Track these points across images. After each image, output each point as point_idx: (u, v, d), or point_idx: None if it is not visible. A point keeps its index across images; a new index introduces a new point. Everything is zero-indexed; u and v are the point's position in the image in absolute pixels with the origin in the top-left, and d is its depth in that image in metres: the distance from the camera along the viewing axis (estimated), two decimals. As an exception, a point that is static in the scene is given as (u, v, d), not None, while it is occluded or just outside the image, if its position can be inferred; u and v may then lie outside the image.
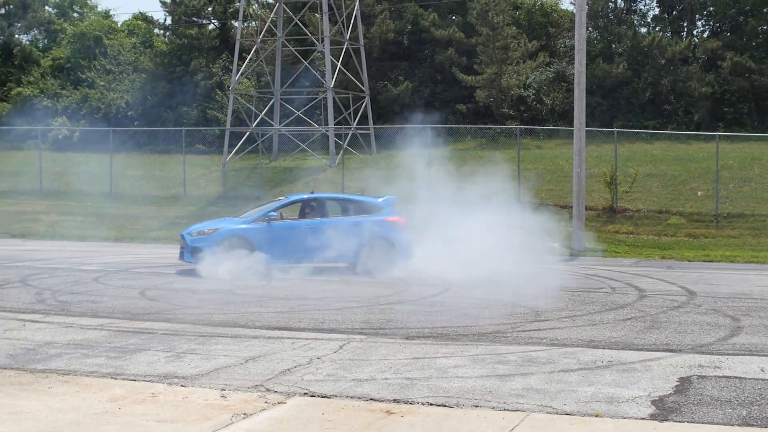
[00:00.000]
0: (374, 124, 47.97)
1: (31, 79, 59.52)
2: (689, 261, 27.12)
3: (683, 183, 36.77)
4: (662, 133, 45.30)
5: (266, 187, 40.03)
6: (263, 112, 47.58)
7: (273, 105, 47.57)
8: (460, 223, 23.54)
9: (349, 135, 45.91)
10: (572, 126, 29.95)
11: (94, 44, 59.85)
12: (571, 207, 29.50)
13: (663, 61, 49.56)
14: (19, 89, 58.54)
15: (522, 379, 10.87)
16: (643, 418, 9.22)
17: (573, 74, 33.52)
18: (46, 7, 67.40)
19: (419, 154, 42.45)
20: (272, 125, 47.09)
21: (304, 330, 14.34)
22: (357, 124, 46.69)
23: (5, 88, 59.73)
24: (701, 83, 47.53)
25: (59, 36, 63.88)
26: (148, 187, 42.45)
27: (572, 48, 45.41)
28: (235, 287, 19.57)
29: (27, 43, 65.87)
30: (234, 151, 45.65)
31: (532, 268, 23.17)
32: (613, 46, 51.77)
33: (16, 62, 62.15)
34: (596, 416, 9.27)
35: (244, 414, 9.30)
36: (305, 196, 24.09)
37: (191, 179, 42.39)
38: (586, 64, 28.88)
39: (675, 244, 30.65)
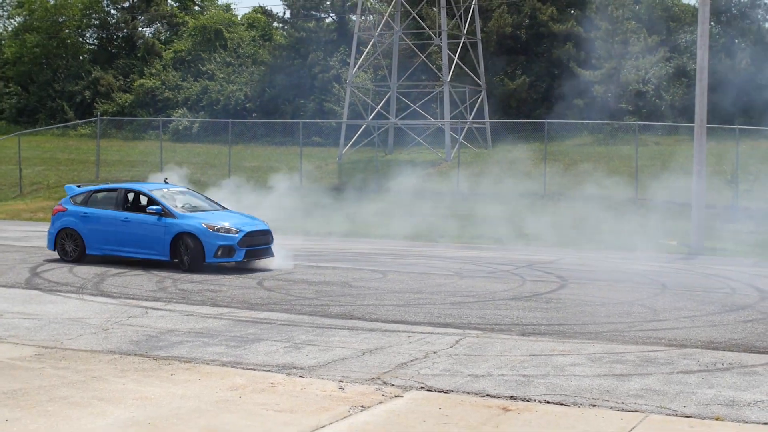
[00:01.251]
0: (490, 118, 47.83)
1: (153, 71, 60.74)
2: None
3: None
4: None
5: (381, 180, 40.19)
6: (379, 105, 47.81)
7: (389, 98, 47.76)
8: (574, 219, 23.33)
9: (465, 129, 45.86)
10: (692, 122, 29.39)
11: (215, 37, 60.87)
12: (690, 205, 28.95)
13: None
14: (142, 81, 59.80)
15: (640, 379, 10.76)
16: (765, 423, 9.05)
17: (694, 69, 32.94)
18: (168, 1, 68.70)
19: (535, 149, 42.25)
20: (388, 118, 47.29)
21: (420, 324, 14.40)
22: (473, 118, 46.60)
23: (128, 80, 61.09)
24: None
25: (181, 29, 65.11)
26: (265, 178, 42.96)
27: (693, 43, 44.61)
28: (351, 279, 19.72)
29: (149, 36, 67.27)
30: (350, 143, 45.96)
31: (649, 266, 22.87)
32: (736, 41, 50.68)
33: (139, 55, 63.57)
34: (716, 420, 9.13)
35: (362, 406, 9.40)
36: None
37: (307, 171, 42.80)
38: (708, 60, 28.29)
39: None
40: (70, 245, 22.13)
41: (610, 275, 20.98)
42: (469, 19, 47.35)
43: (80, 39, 67.27)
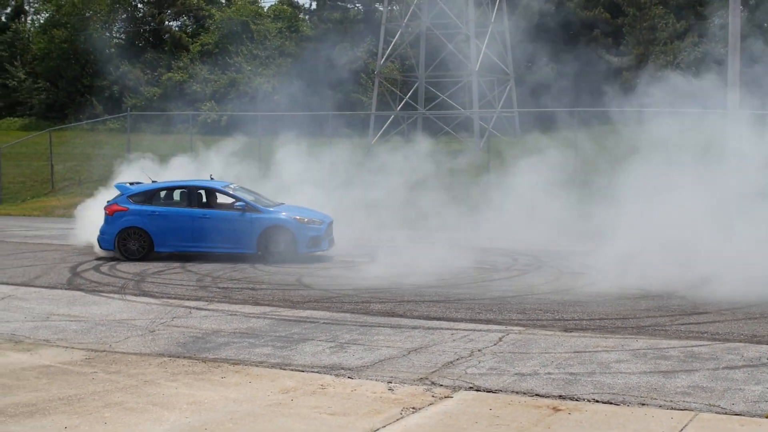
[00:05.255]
0: (519, 106, 47.79)
1: (181, 64, 61.06)
2: None
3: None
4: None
5: (408, 171, 40.17)
6: (407, 96, 47.86)
7: (417, 88, 47.80)
8: (612, 209, 23.22)
9: (494, 118, 45.87)
10: (721, 108, 29.29)
11: (241, 29, 61.05)
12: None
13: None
14: (170, 74, 60.13)
15: (686, 376, 10.81)
16: (815, 420, 9.10)
17: (723, 55, 32.77)
18: (195, -6, 69.05)
19: (564, 137, 42.14)
20: (417, 108, 47.33)
21: (462, 320, 14.49)
22: (502, 107, 46.59)
23: (156, 74, 61.41)
24: None
25: (207, 22, 65.33)
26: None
27: (721, 27, 44.42)
28: (387, 274, 19.78)
29: (176, 29, 67.58)
30: (379, 134, 46.04)
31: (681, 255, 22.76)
32: (765, 24, 50.40)
33: (166, 48, 63.91)
34: (767, 417, 9.18)
35: (413, 408, 9.51)
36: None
37: (336, 162, 42.82)
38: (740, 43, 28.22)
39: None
40: (136, 244, 22.42)
41: (635, 266, 20.90)
42: (496, 8, 47.30)
43: (107, 34, 67.60)
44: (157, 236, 22.38)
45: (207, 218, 22.25)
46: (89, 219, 25.29)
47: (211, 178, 24.23)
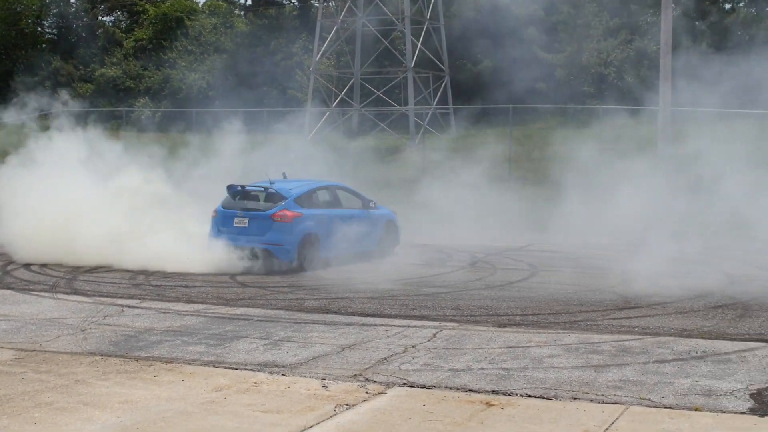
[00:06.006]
0: (454, 103, 47.97)
1: (114, 60, 60.38)
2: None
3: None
4: (747, 113, 44.58)
5: (345, 167, 40.16)
6: (343, 92, 47.83)
7: (353, 85, 47.78)
8: (542, 204, 23.44)
9: (429, 115, 45.97)
10: (653, 105, 29.66)
11: (176, 25, 60.54)
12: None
13: (748, 38, 48.74)
14: (103, 70, 59.44)
15: (618, 369, 10.93)
16: (742, 413, 9.23)
17: (654, 52, 33.15)
18: (129, -12, 68.36)
19: (499, 134, 42.39)
20: (352, 105, 47.31)
21: (396, 317, 14.52)
22: (437, 104, 46.73)
23: (89, 69, 60.70)
24: (787, 60, 46.67)
25: (141, 17, 64.70)
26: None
27: (653, 25, 44.95)
28: (324, 272, 19.78)
29: (110, 24, 66.85)
30: (314, 131, 45.94)
31: (613, 251, 23.06)
32: (697, 23, 51.04)
33: (99, 44, 63.13)
34: (696, 410, 9.31)
35: (347, 405, 9.50)
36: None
37: (271, 159, 42.62)
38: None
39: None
40: (314, 252, 20.63)
41: (578, 261, 21.20)
42: (432, 4, 47.43)
43: (39, 29, 66.71)
44: (324, 241, 20.86)
45: (352, 218, 21.59)
46: None
47: (284, 177, 22.48)
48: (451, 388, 10.15)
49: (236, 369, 11.06)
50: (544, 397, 9.79)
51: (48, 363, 11.38)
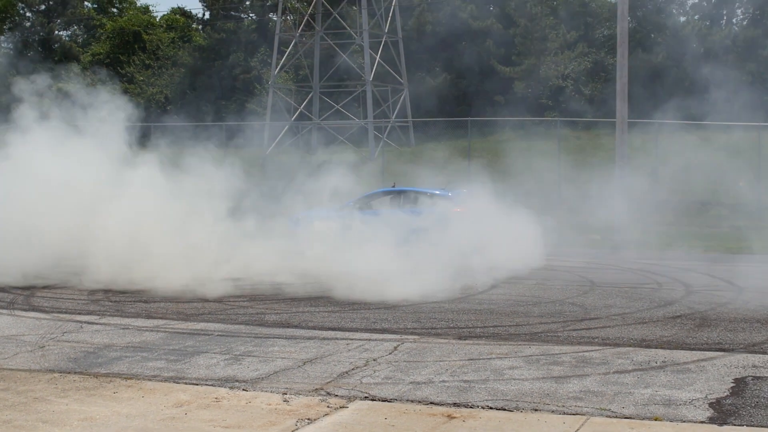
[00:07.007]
0: (413, 116, 48.09)
1: (71, 75, 60.03)
2: (733, 254, 26.98)
3: (725, 174, 36.58)
4: (703, 124, 45.03)
5: (306, 181, 40.12)
6: (302, 106, 47.83)
7: (312, 98, 47.79)
8: (513, 217, 23.46)
9: (388, 128, 46.09)
10: (610, 117, 29.92)
11: (133, 39, 60.33)
12: (612, 198, 29.44)
13: (702, 50, 49.31)
14: (59, 85, 59.04)
15: (578, 381, 10.98)
16: (702, 422, 9.30)
17: (611, 64, 33.45)
18: (86, 3, 67.93)
19: (458, 147, 42.55)
20: (311, 119, 47.31)
21: (357, 330, 14.50)
22: (396, 117, 46.83)
23: (46, 84, 60.27)
24: (742, 72, 47.26)
25: (98, 32, 64.40)
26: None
27: (610, 38, 45.36)
28: (283, 284, 19.69)
29: (67, 39, 66.42)
30: (273, 144, 45.89)
31: (576, 261, 23.24)
32: (652, 35, 51.56)
33: (56, 58, 62.75)
34: (655, 420, 9.37)
35: (308, 419, 9.47)
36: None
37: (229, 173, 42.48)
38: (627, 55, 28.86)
39: (718, 236, 30.59)
40: None
41: (538, 273, 21.30)
42: (390, 18, 47.56)
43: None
44: None
45: None
46: None
47: (393, 186, 25.65)
48: (412, 401, 10.15)
49: (197, 384, 10.99)
50: (505, 409, 9.81)
51: (6, 380, 11.25)
